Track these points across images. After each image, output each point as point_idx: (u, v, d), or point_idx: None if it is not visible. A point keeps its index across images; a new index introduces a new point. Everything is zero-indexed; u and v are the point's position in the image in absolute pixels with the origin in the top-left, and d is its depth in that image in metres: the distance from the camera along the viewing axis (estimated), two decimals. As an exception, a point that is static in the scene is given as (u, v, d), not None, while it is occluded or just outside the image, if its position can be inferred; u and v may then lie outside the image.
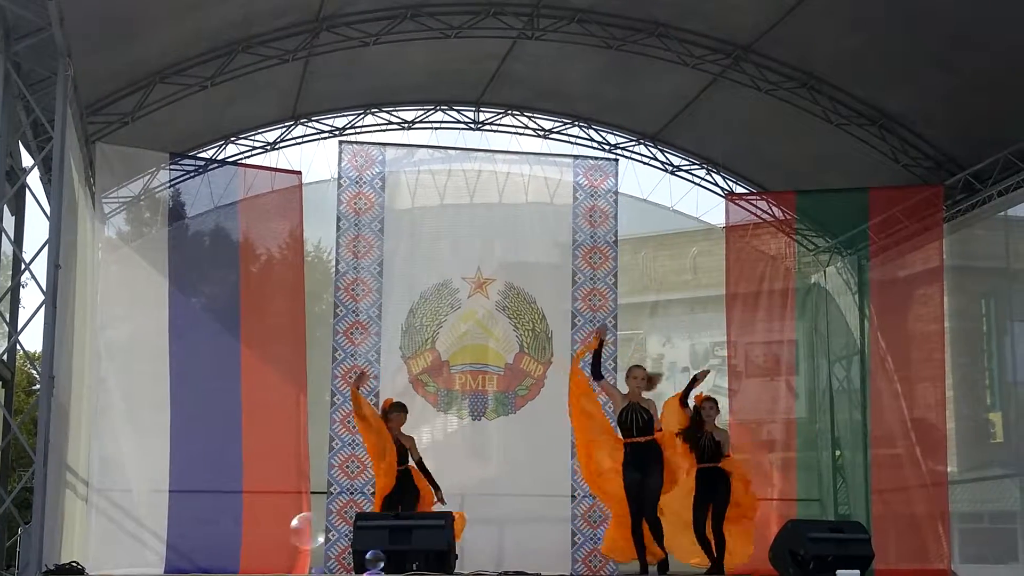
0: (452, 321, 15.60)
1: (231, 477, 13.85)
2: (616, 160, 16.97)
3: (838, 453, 17.17)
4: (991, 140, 14.67)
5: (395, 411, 12.79)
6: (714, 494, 12.23)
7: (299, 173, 15.31)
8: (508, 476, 15.21)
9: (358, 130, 17.33)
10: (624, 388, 12.16)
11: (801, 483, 16.60)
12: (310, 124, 17.24)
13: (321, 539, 14.59)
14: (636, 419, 11.77)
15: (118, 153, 14.31)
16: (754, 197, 17.09)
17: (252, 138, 17.06)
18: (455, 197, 16.00)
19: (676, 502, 12.26)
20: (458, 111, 17.59)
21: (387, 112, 17.44)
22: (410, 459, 12.64)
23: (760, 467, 15.70)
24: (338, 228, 15.47)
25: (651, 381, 12.20)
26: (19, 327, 12.20)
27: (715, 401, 12.67)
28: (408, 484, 12.48)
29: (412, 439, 12.93)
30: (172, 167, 15.03)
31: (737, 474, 12.44)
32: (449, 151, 16.51)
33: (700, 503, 12.25)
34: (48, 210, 10.98)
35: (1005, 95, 13.94)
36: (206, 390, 14.12)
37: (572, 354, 15.43)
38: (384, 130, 17.48)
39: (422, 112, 17.56)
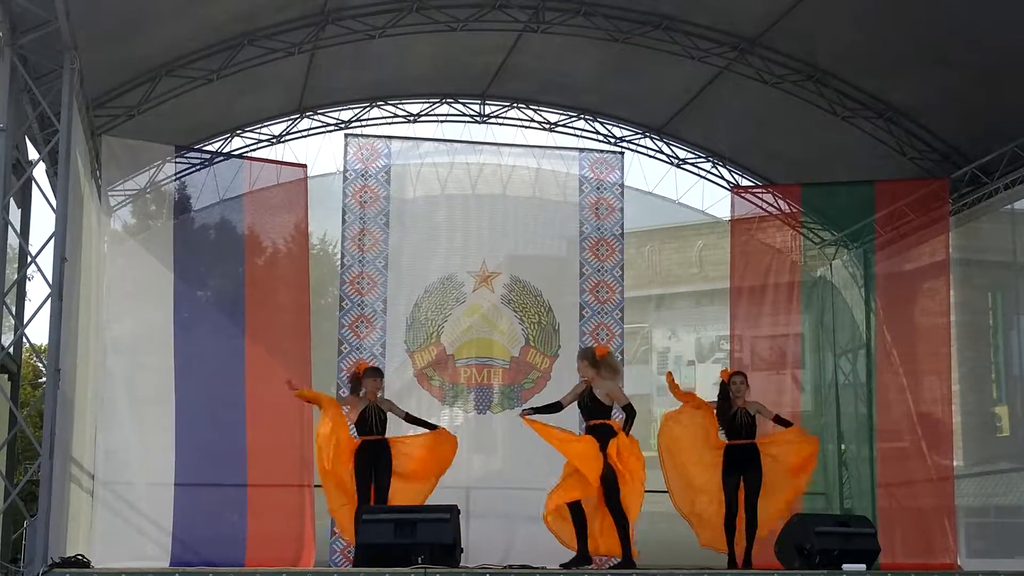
0: (457, 315, 15.60)
1: (235, 470, 13.85)
2: (622, 153, 16.95)
3: (844, 447, 17.16)
4: (998, 133, 14.65)
5: (370, 376, 12.43)
6: (744, 472, 12.09)
7: (304, 166, 15.30)
8: (513, 469, 15.19)
9: (364, 123, 17.34)
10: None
11: (807, 477, 16.59)
12: (316, 117, 17.25)
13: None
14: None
15: (124, 146, 14.30)
16: (760, 190, 17.06)
17: (258, 131, 17.07)
18: (460, 190, 16.00)
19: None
20: (464, 104, 17.59)
21: (392, 105, 17.43)
22: (386, 430, 12.41)
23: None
24: (343, 221, 15.47)
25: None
26: (25, 320, 12.21)
27: (744, 376, 12.54)
28: (383, 454, 12.18)
29: (390, 402, 12.73)
30: (178, 160, 15.03)
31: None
32: (455, 144, 16.49)
33: (730, 482, 12.13)
34: (54, 203, 10.98)
35: (1012, 88, 13.91)
36: (210, 383, 14.12)
37: (580, 345, 15.44)
38: (390, 123, 17.49)
39: (428, 105, 17.55)
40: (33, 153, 12.69)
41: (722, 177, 18.08)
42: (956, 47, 13.88)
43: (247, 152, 16.74)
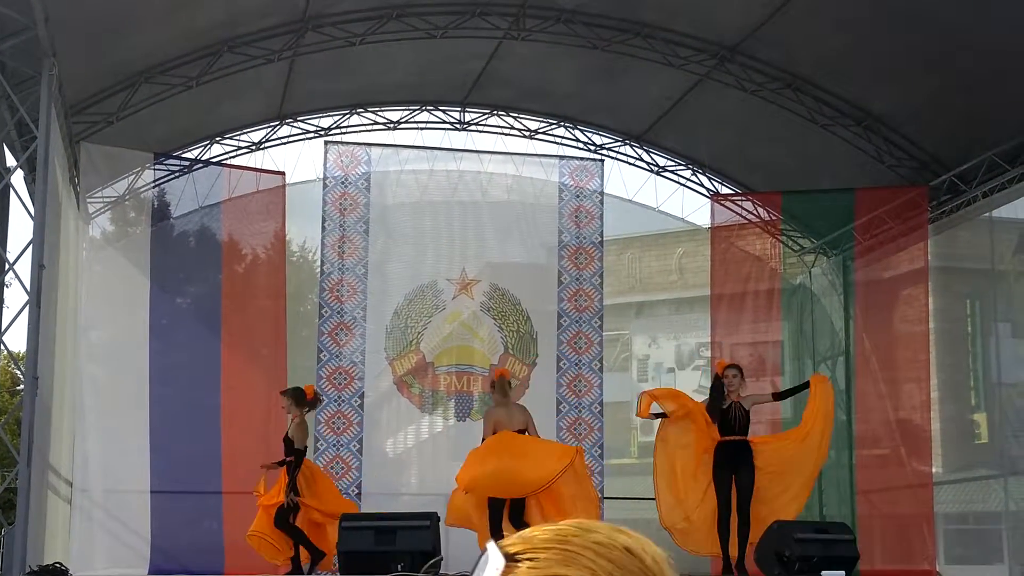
0: (437, 322, 15.58)
1: (211, 478, 13.83)
2: (602, 161, 16.98)
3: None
4: (976, 141, 14.69)
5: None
6: (736, 470, 11.57)
7: (282, 174, 15.31)
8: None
9: (343, 130, 17.31)
10: None
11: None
12: (295, 124, 17.21)
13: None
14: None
15: (103, 153, 14.28)
16: (739, 198, 17.11)
17: (237, 138, 17.02)
18: (440, 197, 15.99)
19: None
20: (444, 111, 17.57)
21: (373, 112, 17.42)
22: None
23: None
24: (323, 228, 15.44)
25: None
26: (3, 327, 12.16)
27: (739, 368, 12.01)
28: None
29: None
30: (157, 167, 15.02)
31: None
32: (435, 151, 16.48)
33: (722, 481, 11.61)
34: (32, 210, 10.95)
35: (990, 96, 13.97)
36: (186, 390, 14.12)
37: (558, 355, 15.44)
38: (370, 130, 17.46)
39: (408, 112, 17.54)
40: (11, 160, 12.64)
41: (702, 185, 18.11)
42: (935, 56, 13.93)
43: (227, 159, 16.69)
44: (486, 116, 17.69)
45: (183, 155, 16.02)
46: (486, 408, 14.69)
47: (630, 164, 18.13)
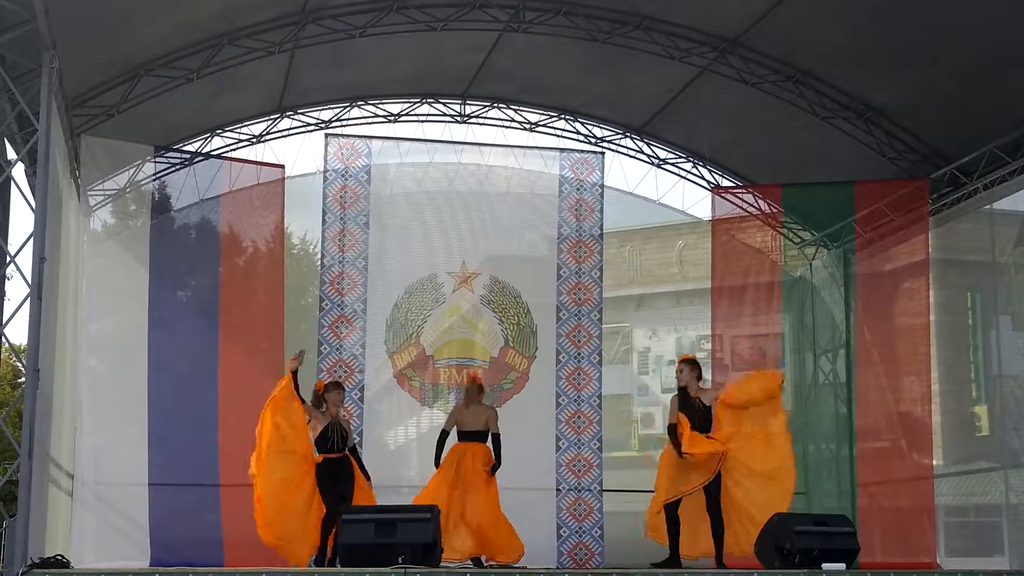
0: (437, 316, 15.58)
1: (208, 470, 13.84)
2: (602, 153, 16.95)
3: (824, 446, 17.20)
4: (977, 133, 14.68)
5: (332, 390, 12.23)
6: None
7: (282, 167, 15.29)
8: (493, 469, 15.16)
9: (344, 123, 17.31)
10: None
11: (787, 476, 16.59)
12: (296, 117, 17.21)
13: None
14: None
15: (103, 146, 14.28)
16: (740, 190, 17.10)
17: (238, 131, 17.02)
18: (441, 190, 15.98)
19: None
20: (444, 104, 17.57)
21: (373, 105, 17.41)
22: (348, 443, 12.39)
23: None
24: (324, 221, 15.43)
25: None
26: (4, 320, 12.15)
27: (690, 363, 11.78)
28: (346, 470, 12.02)
29: (349, 422, 12.77)
30: (157, 160, 15.01)
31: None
32: (435, 144, 16.45)
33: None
34: (33, 203, 10.93)
35: (991, 88, 13.95)
36: (184, 383, 14.12)
37: (557, 348, 15.44)
38: (370, 123, 17.46)
39: (408, 105, 17.53)
40: (11, 153, 12.64)
41: (702, 177, 18.10)
42: (935, 48, 13.92)
43: (227, 152, 16.69)
44: (486, 109, 17.69)
45: (184, 148, 16.00)
46: (495, 400, 14.79)
47: (630, 157, 18.14)
